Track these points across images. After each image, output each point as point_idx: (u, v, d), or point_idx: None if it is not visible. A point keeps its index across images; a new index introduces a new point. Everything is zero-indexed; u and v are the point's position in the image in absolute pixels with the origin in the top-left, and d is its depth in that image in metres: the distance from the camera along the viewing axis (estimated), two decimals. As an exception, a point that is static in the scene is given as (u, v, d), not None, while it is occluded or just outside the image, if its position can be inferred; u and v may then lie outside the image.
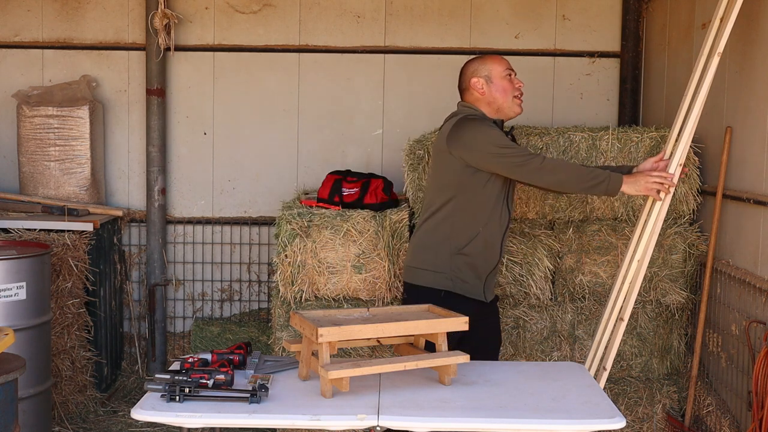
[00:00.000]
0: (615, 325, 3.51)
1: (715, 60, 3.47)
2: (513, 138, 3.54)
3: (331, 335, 2.62)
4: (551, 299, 4.30)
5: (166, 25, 5.24)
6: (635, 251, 3.51)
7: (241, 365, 2.91)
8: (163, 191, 5.42)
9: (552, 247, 4.27)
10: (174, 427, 2.62)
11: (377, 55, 5.45)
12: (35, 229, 4.62)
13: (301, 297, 4.09)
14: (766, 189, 3.64)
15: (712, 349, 4.13)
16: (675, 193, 4.27)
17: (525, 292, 4.23)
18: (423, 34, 5.43)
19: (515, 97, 3.45)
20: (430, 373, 2.83)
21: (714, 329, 4.11)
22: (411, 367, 2.70)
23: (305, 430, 3.31)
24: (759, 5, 3.73)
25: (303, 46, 5.45)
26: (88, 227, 4.71)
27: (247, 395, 2.55)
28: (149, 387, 2.57)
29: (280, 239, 4.07)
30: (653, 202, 3.46)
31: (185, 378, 2.57)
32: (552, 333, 4.31)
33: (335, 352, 2.66)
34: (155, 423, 3.23)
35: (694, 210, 4.31)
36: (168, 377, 2.57)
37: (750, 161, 3.81)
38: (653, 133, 4.31)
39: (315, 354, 2.76)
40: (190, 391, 2.54)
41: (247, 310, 5.57)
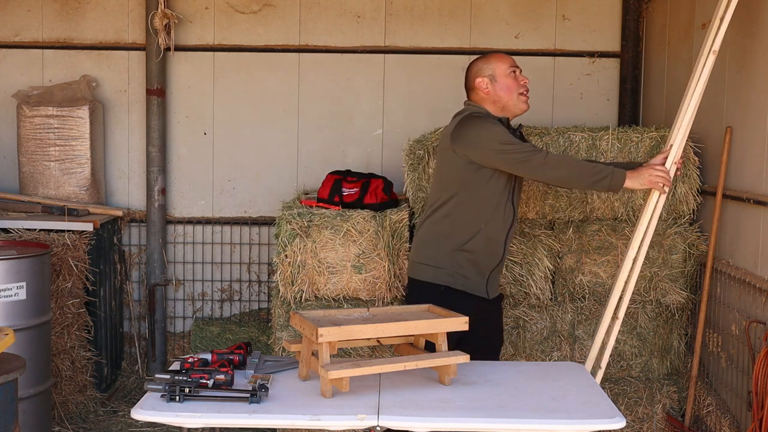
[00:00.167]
0: (610, 324, 3.51)
1: (711, 59, 3.46)
2: (521, 135, 3.55)
3: (331, 335, 2.62)
4: (551, 299, 4.30)
5: (166, 25, 5.24)
6: (633, 249, 3.51)
7: (241, 365, 2.91)
8: (163, 191, 5.42)
9: (552, 247, 4.27)
10: (174, 427, 2.62)
11: (377, 55, 5.45)
12: (35, 229, 4.62)
13: (301, 297, 4.09)
14: (766, 189, 3.64)
15: (712, 349, 4.13)
16: (675, 193, 4.28)
17: (525, 292, 4.23)
18: (423, 34, 5.43)
19: (521, 95, 3.46)
20: (430, 373, 2.83)
21: (714, 329, 4.11)
22: (411, 367, 2.70)
23: (305, 430, 3.31)
24: (759, 4, 3.73)
25: (303, 46, 5.45)
26: (88, 227, 4.71)
27: (247, 395, 2.55)
28: (149, 387, 2.57)
29: (280, 239, 4.07)
30: (655, 199, 3.44)
31: (185, 378, 2.57)
32: (552, 333, 4.31)
33: (335, 352, 2.66)
34: (155, 423, 3.22)
35: (694, 210, 4.31)
36: (168, 377, 2.57)
37: (750, 161, 3.81)
38: (653, 133, 4.31)
39: (315, 354, 2.76)
40: (190, 391, 2.54)
41: (247, 310, 5.57)
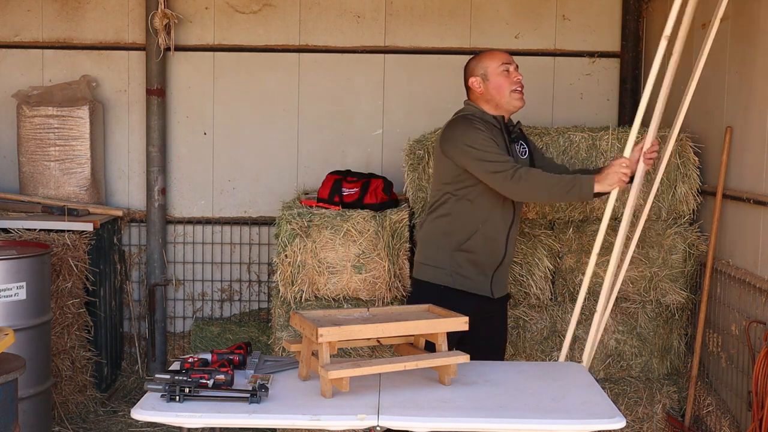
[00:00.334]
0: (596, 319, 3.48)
1: (662, 43, 3.35)
2: (521, 131, 3.54)
3: (331, 335, 2.62)
4: (551, 299, 4.31)
5: (166, 25, 5.24)
6: (630, 249, 3.52)
7: (241, 365, 2.91)
8: (163, 191, 5.42)
9: (552, 247, 4.28)
10: (174, 427, 2.62)
11: (377, 55, 5.45)
12: (35, 229, 4.62)
13: (301, 297, 4.09)
14: (766, 189, 3.64)
15: (712, 349, 4.13)
16: (675, 193, 4.28)
17: (525, 292, 4.23)
18: (423, 34, 5.43)
19: (513, 91, 3.42)
20: (430, 373, 2.83)
21: (714, 329, 4.11)
22: (411, 367, 2.70)
23: (305, 430, 3.31)
24: (759, 5, 3.73)
25: (303, 46, 5.45)
26: (88, 227, 4.71)
27: (247, 395, 2.55)
28: (149, 387, 2.57)
29: (280, 239, 4.07)
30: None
31: (185, 378, 2.57)
32: (552, 333, 4.31)
33: (335, 352, 2.66)
34: (155, 423, 3.22)
35: (694, 210, 4.31)
36: (168, 377, 2.57)
37: (750, 161, 3.81)
38: (653, 133, 4.31)
39: (315, 354, 2.76)
40: (190, 391, 2.54)
41: (247, 310, 5.57)
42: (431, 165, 4.21)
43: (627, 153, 3.33)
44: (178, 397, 2.52)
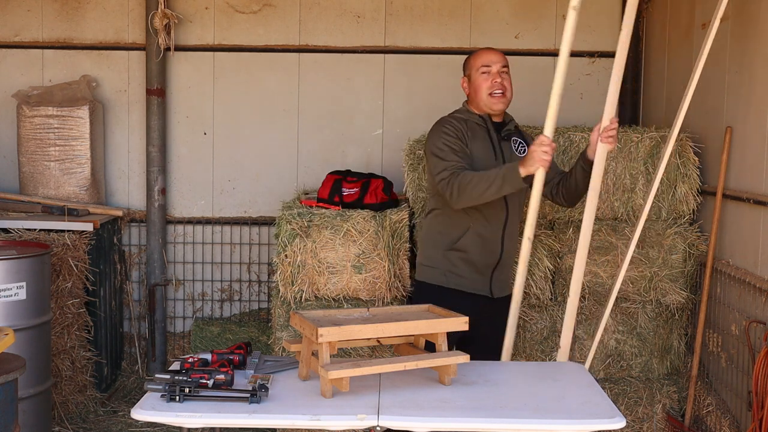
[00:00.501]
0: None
1: (571, 14, 3.28)
2: (518, 129, 3.54)
3: (331, 335, 2.62)
4: (551, 299, 4.31)
5: (166, 25, 5.24)
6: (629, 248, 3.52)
7: (241, 365, 2.91)
8: (163, 191, 5.42)
9: (552, 247, 4.27)
10: (174, 427, 2.61)
11: (377, 55, 5.45)
12: (35, 229, 4.62)
13: (301, 297, 4.09)
14: (766, 189, 3.64)
15: (712, 349, 4.13)
16: (675, 193, 4.28)
17: (525, 292, 4.23)
18: (423, 34, 5.43)
19: (490, 95, 3.39)
20: (430, 373, 2.83)
21: (714, 329, 4.11)
22: (411, 367, 2.70)
23: (305, 430, 3.31)
24: (759, 5, 3.73)
25: (303, 46, 5.45)
26: (88, 227, 4.71)
27: (247, 395, 2.55)
28: (149, 387, 2.57)
29: (280, 239, 4.07)
30: (540, 177, 3.22)
31: (185, 378, 2.57)
32: (552, 333, 4.31)
33: (335, 352, 2.66)
34: (155, 423, 3.22)
35: (694, 210, 4.31)
36: (168, 377, 2.57)
37: (750, 161, 3.81)
38: (653, 133, 4.31)
39: (315, 354, 2.76)
40: (190, 391, 2.54)
41: (247, 310, 5.57)
42: (431, 165, 4.21)
43: (547, 131, 3.20)
44: (178, 397, 2.52)
